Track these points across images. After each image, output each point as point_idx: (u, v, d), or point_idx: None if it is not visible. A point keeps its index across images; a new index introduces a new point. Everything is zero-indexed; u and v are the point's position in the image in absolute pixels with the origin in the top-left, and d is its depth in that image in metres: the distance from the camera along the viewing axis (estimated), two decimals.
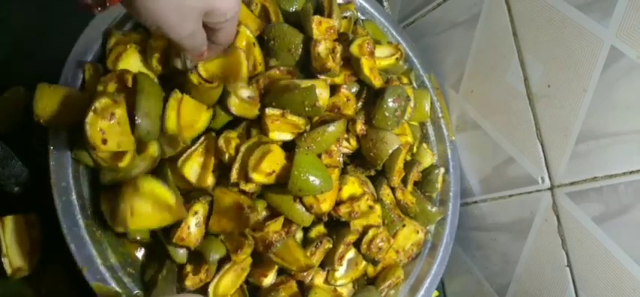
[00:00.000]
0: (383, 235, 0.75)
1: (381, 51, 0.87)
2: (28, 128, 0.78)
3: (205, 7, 0.55)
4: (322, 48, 0.77)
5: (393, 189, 0.82)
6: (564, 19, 0.72)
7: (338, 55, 0.78)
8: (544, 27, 0.76)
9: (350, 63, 0.81)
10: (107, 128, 0.59)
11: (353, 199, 0.75)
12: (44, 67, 0.79)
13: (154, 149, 0.66)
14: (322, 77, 0.77)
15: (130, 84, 0.68)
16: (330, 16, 0.84)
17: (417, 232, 0.84)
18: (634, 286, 0.66)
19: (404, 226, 0.83)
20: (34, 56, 0.84)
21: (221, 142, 0.68)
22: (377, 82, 0.80)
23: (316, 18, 0.79)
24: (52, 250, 0.73)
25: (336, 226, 0.76)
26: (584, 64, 0.70)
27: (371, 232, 0.75)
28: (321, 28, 0.80)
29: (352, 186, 0.76)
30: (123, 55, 0.70)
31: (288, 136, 0.72)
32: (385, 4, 1.15)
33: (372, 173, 0.83)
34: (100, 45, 0.74)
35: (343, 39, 0.82)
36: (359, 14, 0.93)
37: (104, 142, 0.58)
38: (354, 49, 0.79)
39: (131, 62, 0.71)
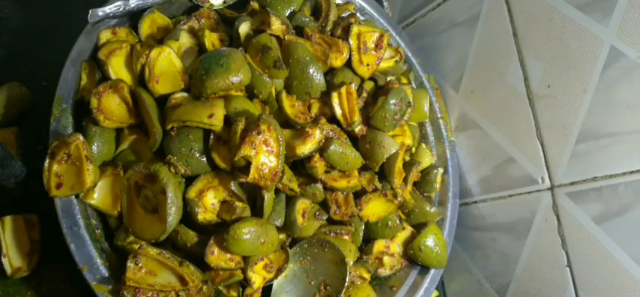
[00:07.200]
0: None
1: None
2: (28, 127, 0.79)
3: None
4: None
5: (393, 190, 0.82)
6: (564, 19, 0.72)
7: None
8: (544, 27, 0.76)
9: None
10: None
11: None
12: (44, 67, 0.79)
13: None
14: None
15: (126, 94, 0.70)
16: (327, 16, 0.85)
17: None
18: (634, 286, 0.66)
19: (403, 229, 0.83)
20: (34, 56, 0.84)
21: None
22: (365, 73, 0.84)
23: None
24: (52, 250, 0.73)
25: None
26: (584, 64, 0.70)
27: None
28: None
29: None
30: (117, 51, 0.72)
31: None
32: (385, 4, 1.15)
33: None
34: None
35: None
36: (358, 14, 0.93)
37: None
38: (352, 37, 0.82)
39: (122, 62, 0.72)
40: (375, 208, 0.79)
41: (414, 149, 0.90)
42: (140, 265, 0.63)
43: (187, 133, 0.68)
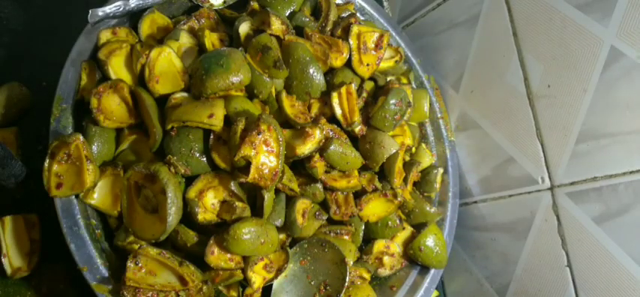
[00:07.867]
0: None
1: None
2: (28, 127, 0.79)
3: None
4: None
5: (393, 190, 0.82)
6: (564, 19, 0.72)
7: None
8: (544, 27, 0.76)
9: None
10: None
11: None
12: (44, 67, 0.79)
13: None
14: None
15: (126, 94, 0.70)
16: (327, 16, 0.85)
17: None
18: (634, 286, 0.66)
19: (403, 229, 0.83)
20: (34, 56, 0.84)
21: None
22: (365, 73, 0.84)
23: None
24: (52, 250, 0.73)
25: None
26: (584, 64, 0.70)
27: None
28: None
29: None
30: (117, 51, 0.72)
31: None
32: (385, 4, 1.15)
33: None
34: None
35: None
36: (358, 14, 0.93)
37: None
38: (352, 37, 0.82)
39: (122, 62, 0.73)
40: (375, 208, 0.79)
41: (414, 149, 0.90)
42: (140, 265, 0.63)
43: (187, 133, 0.68)
